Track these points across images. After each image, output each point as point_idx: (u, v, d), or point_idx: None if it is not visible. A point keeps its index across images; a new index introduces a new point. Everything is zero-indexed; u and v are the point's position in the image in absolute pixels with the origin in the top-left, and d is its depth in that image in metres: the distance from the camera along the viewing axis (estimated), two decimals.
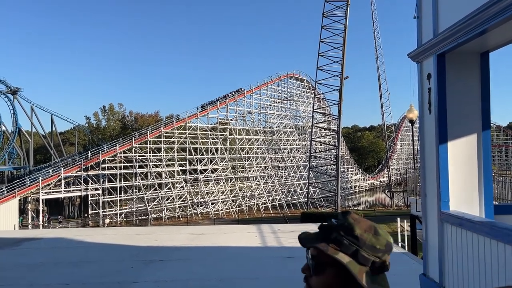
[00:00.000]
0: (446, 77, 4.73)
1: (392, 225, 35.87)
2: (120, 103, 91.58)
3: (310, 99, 77.92)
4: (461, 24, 4.05)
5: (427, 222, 5.16)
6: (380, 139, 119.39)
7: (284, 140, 75.35)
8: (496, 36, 4.18)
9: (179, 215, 57.25)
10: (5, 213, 41.75)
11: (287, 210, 64.09)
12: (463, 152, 4.75)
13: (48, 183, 48.10)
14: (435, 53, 4.78)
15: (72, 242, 12.76)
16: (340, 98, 53.66)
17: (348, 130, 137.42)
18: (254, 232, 13.54)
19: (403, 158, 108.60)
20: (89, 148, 73.61)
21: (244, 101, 69.29)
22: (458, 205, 4.66)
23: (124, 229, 24.13)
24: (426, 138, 5.19)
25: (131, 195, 55.41)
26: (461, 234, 4.30)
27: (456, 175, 4.71)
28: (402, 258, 9.54)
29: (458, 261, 4.36)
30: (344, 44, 52.12)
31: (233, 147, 66.90)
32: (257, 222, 35.72)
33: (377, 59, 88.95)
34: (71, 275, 8.60)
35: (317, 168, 69.94)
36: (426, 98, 5.10)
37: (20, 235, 16.48)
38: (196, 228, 19.29)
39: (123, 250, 11.32)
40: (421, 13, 5.35)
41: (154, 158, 57.36)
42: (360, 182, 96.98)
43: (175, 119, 62.63)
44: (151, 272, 8.64)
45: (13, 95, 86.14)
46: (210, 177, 61.77)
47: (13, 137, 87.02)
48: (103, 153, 52.71)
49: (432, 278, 5.01)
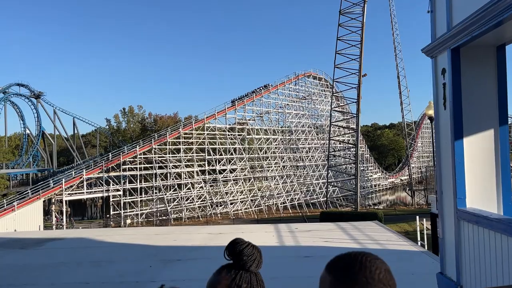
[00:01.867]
0: (461, 72, 4.63)
1: (413, 223, 35.36)
2: (139, 105, 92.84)
3: (328, 97, 77.38)
4: (476, 16, 3.96)
5: (443, 220, 5.06)
6: (400, 137, 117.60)
7: (303, 139, 75.01)
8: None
9: (198, 215, 57.65)
10: (30, 214, 42.82)
11: (306, 209, 63.81)
12: (479, 148, 4.65)
13: (71, 184, 49.09)
14: (449, 48, 4.68)
15: (93, 242, 13.00)
16: (358, 96, 53.09)
17: (367, 128, 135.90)
18: (272, 231, 13.54)
19: (424, 156, 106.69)
20: (110, 150, 74.83)
21: (261, 101, 69.33)
22: (475, 202, 4.56)
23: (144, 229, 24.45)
24: (442, 134, 5.09)
25: (152, 196, 56.08)
26: (478, 232, 4.20)
27: (472, 171, 4.61)
28: (421, 256, 9.39)
29: (475, 259, 4.27)
30: (361, 41, 51.54)
31: (251, 147, 66.97)
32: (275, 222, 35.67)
33: (396, 56, 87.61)
34: (91, 274, 8.77)
35: (336, 167, 69.39)
36: (441, 93, 5.00)
37: (44, 236, 16.88)
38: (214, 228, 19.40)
39: (142, 250, 11.47)
40: (434, 7, 5.25)
41: (173, 159, 57.91)
42: (380, 181, 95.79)
43: (194, 120, 63.07)
44: (169, 271, 8.73)
45: (37, 99, 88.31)
46: (228, 177, 62.00)
47: (37, 140, 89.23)
48: (123, 154, 53.50)
49: (450, 276, 4.91)
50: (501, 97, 4.66)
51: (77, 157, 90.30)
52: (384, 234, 12.52)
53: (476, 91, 4.67)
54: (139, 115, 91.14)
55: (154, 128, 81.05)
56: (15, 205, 42.26)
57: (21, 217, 41.56)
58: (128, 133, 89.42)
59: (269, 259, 8.77)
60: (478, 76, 4.68)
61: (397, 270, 6.25)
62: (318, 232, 13.33)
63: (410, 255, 9.56)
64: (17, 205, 42.36)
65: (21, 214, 41.94)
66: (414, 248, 10.51)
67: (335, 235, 12.36)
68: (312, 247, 10.79)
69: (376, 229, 13.52)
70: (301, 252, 10.24)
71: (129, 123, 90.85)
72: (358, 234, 12.43)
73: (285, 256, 10.05)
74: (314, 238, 12.01)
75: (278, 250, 10.84)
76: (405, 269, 8.11)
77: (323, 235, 12.38)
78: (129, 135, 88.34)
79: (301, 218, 48.87)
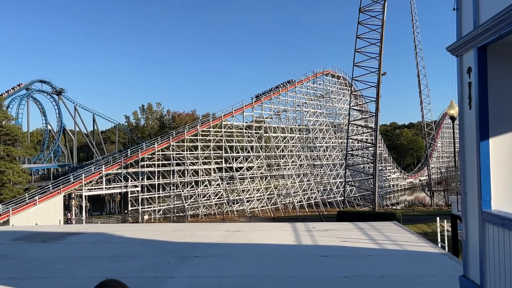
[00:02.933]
0: (487, 71, 4.53)
1: (432, 224, 34.83)
2: (158, 103, 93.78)
3: (346, 96, 76.79)
4: (504, 14, 3.86)
5: (467, 222, 4.96)
6: (419, 137, 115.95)
7: (320, 138, 74.62)
8: None
9: (215, 212, 57.96)
10: (51, 209, 43.75)
11: (323, 208, 63.48)
12: (505, 149, 4.53)
13: (90, 180, 49.94)
14: (475, 46, 4.58)
15: (112, 237, 13.18)
16: (377, 94, 52.48)
17: (386, 128, 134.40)
18: (289, 230, 13.49)
19: (444, 156, 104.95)
20: (128, 146, 75.86)
21: (279, 99, 69.22)
22: (501, 204, 4.45)
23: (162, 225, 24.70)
24: (467, 134, 4.99)
25: (169, 192, 56.61)
26: (504, 235, 4.10)
27: (498, 173, 4.50)
28: (442, 258, 9.23)
29: (500, 263, 4.17)
30: (381, 39, 50.90)
31: (268, 145, 66.97)
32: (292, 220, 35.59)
33: (416, 54, 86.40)
34: (111, 268, 8.90)
35: (354, 166, 68.84)
36: (466, 93, 4.90)
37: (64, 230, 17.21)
38: (231, 225, 19.47)
39: (160, 246, 11.58)
40: (460, 4, 5.14)
41: (191, 156, 58.33)
42: (398, 181, 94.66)
43: (211, 118, 63.39)
44: (187, 268, 8.79)
45: (58, 96, 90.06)
46: (245, 175, 62.13)
47: (58, 136, 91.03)
48: (142, 151, 54.14)
49: (473, 280, 4.81)
50: None
51: (97, 153, 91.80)
52: (403, 235, 12.35)
53: (503, 90, 4.56)
54: (157, 112, 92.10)
55: (172, 125, 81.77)
56: (37, 199, 43.23)
57: (42, 211, 42.52)
58: (146, 130, 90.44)
59: (287, 258, 8.79)
60: (506, 75, 4.56)
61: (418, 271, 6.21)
62: (335, 231, 13.24)
63: (430, 256, 9.41)
64: (38, 200, 43.34)
65: (42, 208, 42.89)
66: (434, 249, 10.34)
67: (353, 235, 12.25)
68: (330, 246, 10.72)
69: (394, 230, 13.35)
70: (319, 252, 10.17)
71: (148, 120, 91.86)
72: (376, 235, 12.29)
73: (302, 255, 10.01)
74: (331, 237, 11.93)
75: (296, 249, 10.80)
76: (425, 270, 7.98)
77: (340, 235, 12.28)
78: (147, 132, 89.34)
79: (318, 217, 48.64)
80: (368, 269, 8.35)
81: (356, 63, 53.04)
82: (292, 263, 9.02)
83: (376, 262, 8.88)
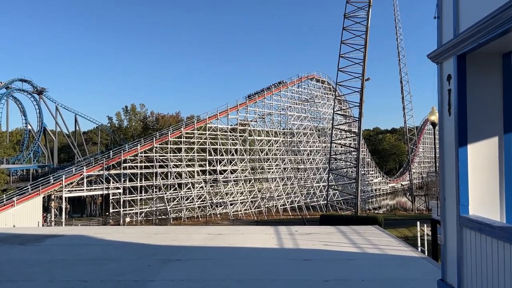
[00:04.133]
0: (466, 78, 4.62)
1: (413, 229, 35.28)
2: (142, 104, 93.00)
3: (330, 100, 77.39)
4: (482, 24, 3.95)
5: (445, 227, 5.05)
6: (402, 142, 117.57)
7: (304, 142, 75.02)
8: None
9: (198, 215, 57.65)
10: (30, 210, 42.86)
11: (306, 212, 63.75)
12: (483, 155, 4.63)
13: (71, 181, 49.17)
14: (455, 54, 4.67)
15: (92, 239, 12.98)
16: (361, 100, 53.05)
17: (369, 132, 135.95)
18: (272, 233, 13.50)
19: (425, 161, 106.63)
20: (111, 147, 74.90)
21: (264, 103, 69.39)
22: (478, 209, 4.54)
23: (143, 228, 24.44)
24: (446, 140, 5.08)
25: (151, 195, 56.10)
26: (481, 240, 4.19)
27: (476, 178, 4.59)
28: (422, 262, 9.36)
29: (477, 267, 4.25)
30: (365, 45, 51.53)
31: (252, 148, 67.00)
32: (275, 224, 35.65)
33: (399, 61, 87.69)
34: (90, 272, 8.76)
35: (337, 170, 69.33)
36: (446, 100, 4.99)
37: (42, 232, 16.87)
38: (214, 228, 19.37)
39: (141, 249, 11.45)
40: (441, 13, 5.24)
41: (174, 158, 57.95)
42: (381, 185, 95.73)
43: (196, 120, 63.15)
44: (168, 271, 8.71)
45: (39, 95, 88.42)
46: (229, 178, 61.99)
47: (38, 136, 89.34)
48: (124, 152, 53.56)
49: (450, 283, 4.89)
50: (506, 105, 4.65)
51: (78, 154, 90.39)
52: (384, 239, 12.48)
53: (481, 98, 4.66)
54: (141, 114, 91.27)
55: (156, 127, 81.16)
56: (15, 201, 42.33)
57: (20, 213, 41.64)
58: (129, 131, 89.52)
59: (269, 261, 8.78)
60: (484, 83, 4.66)
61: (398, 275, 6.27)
62: (317, 235, 13.31)
63: (410, 260, 9.53)
64: (16, 201, 42.43)
65: (21, 210, 42.01)
66: (414, 254, 10.48)
67: (334, 239, 12.33)
68: (312, 250, 10.77)
69: (376, 234, 13.48)
70: (301, 255, 10.21)
71: (131, 121, 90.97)
72: (358, 238, 12.40)
73: (284, 258, 10.02)
74: (313, 241, 11.98)
75: (278, 253, 10.81)
76: (405, 275, 8.09)
77: (323, 239, 12.35)
78: (130, 133, 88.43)
79: (301, 221, 48.83)
80: (349, 273, 8.42)
81: (340, 68, 53.59)
82: (274, 266, 9.03)
83: (357, 266, 8.95)
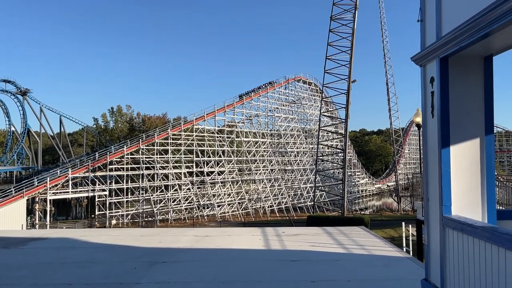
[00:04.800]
0: (449, 81, 4.70)
1: (398, 229, 35.65)
2: (128, 105, 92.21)
3: (317, 102, 77.78)
4: (464, 27, 4.03)
5: (429, 227, 5.12)
6: (387, 143, 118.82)
7: (291, 143, 75.23)
8: (499, 40, 4.15)
9: (185, 217, 57.34)
10: (13, 213, 42.12)
11: (293, 213, 63.91)
12: (465, 156, 4.72)
13: (56, 183, 48.46)
14: (438, 57, 4.75)
15: (77, 242, 12.83)
16: (347, 101, 53.41)
17: (355, 134, 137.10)
18: (259, 235, 13.52)
19: (411, 163, 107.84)
20: (96, 149, 74.11)
21: (251, 104, 69.42)
22: (460, 210, 4.62)
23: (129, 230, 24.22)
24: (429, 142, 5.16)
25: (138, 197, 55.64)
26: (463, 239, 4.26)
27: (458, 179, 4.67)
28: (406, 263, 9.47)
29: (459, 266, 4.32)
30: (352, 47, 51.92)
31: (239, 149, 66.94)
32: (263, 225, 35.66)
33: (385, 63, 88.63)
34: (75, 275, 8.66)
35: (324, 171, 69.69)
36: (429, 101, 5.07)
37: (26, 235, 16.62)
38: (201, 230, 19.32)
39: (127, 251, 11.36)
40: (424, 16, 5.33)
41: (161, 160, 57.57)
42: (367, 186, 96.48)
43: (183, 121, 62.82)
44: (154, 273, 8.66)
45: (23, 96, 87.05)
46: (216, 180, 61.83)
47: (22, 137, 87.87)
48: (110, 154, 53.02)
49: (434, 283, 4.96)
50: (487, 107, 4.75)
51: (63, 156, 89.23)
52: (370, 239, 12.60)
53: (464, 100, 4.75)
54: (127, 115, 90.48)
55: (142, 129, 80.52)
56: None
57: (3, 216, 40.87)
58: (115, 133, 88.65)
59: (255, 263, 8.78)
60: (466, 86, 4.75)
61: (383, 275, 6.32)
62: (304, 236, 13.37)
63: (395, 261, 9.64)
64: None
65: (4, 213, 41.24)
66: (399, 254, 10.59)
67: (321, 240, 12.40)
68: (299, 251, 10.81)
69: (362, 235, 13.60)
70: (287, 256, 10.25)
71: (117, 122, 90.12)
72: (344, 239, 12.49)
73: (271, 259, 10.04)
74: (300, 242, 12.04)
75: (264, 254, 10.83)
76: (390, 275, 8.17)
77: (309, 239, 12.41)
78: (116, 134, 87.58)
79: (288, 222, 48.94)
80: (335, 273, 8.47)
81: (327, 70, 53.87)
82: (260, 268, 9.04)
83: (343, 267, 9.01)
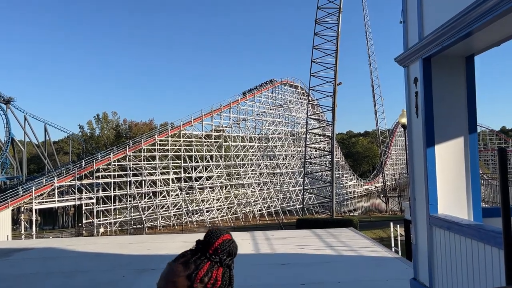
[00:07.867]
0: (432, 81, 4.76)
1: (387, 230, 35.87)
2: (114, 112, 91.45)
3: (304, 105, 78.09)
4: (445, 28, 4.08)
5: (416, 226, 5.16)
6: (374, 145, 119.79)
7: (279, 146, 75.35)
8: (480, 40, 4.21)
9: (174, 223, 56.90)
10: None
11: (282, 216, 63.90)
12: (450, 155, 4.76)
13: (42, 192, 47.69)
14: (421, 57, 4.81)
15: (64, 252, 12.63)
16: (333, 104, 53.75)
17: (342, 136, 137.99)
18: (248, 239, 13.48)
19: (398, 163, 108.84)
20: (83, 157, 73.16)
21: (238, 108, 69.40)
22: (447, 208, 4.66)
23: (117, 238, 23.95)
24: (414, 142, 5.20)
25: (126, 204, 55.06)
26: (450, 237, 4.29)
27: (444, 178, 4.72)
28: (395, 263, 9.52)
29: (447, 264, 4.35)
30: (337, 50, 52.34)
31: (228, 154, 66.79)
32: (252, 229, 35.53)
33: (370, 65, 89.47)
34: (62, 285, 8.51)
35: (312, 174, 69.88)
36: (413, 102, 5.12)
37: (11, 246, 16.31)
38: (190, 236, 19.18)
39: (115, 259, 11.21)
40: (407, 18, 5.39)
41: (148, 166, 57.11)
42: (355, 188, 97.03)
43: (170, 127, 62.46)
44: (142, 281, 8.55)
45: (6, 105, 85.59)
46: (205, 185, 61.55)
47: (6, 146, 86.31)
48: (97, 162, 52.41)
49: (422, 282, 4.99)
50: (470, 106, 4.81)
51: (49, 165, 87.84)
52: (359, 240, 12.65)
53: (447, 100, 4.80)
54: (113, 122, 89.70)
55: (129, 135, 79.89)
56: None
57: None
58: (102, 140, 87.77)
59: (245, 267, 8.73)
60: (449, 86, 4.81)
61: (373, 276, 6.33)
62: (294, 239, 13.37)
63: (384, 261, 9.68)
64: None
65: None
66: (388, 254, 10.66)
67: (310, 242, 12.41)
68: (288, 254, 10.80)
69: (351, 236, 13.65)
70: (277, 260, 10.22)
71: (103, 129, 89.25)
72: (334, 241, 12.52)
73: (261, 263, 10.01)
74: (290, 245, 12.03)
75: (254, 258, 10.79)
76: (380, 275, 8.20)
77: (299, 242, 12.41)
78: (103, 142, 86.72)
79: (278, 225, 48.89)
80: (325, 275, 8.47)
81: (313, 73, 54.21)
82: (251, 272, 8.99)
83: (333, 269, 9.02)
